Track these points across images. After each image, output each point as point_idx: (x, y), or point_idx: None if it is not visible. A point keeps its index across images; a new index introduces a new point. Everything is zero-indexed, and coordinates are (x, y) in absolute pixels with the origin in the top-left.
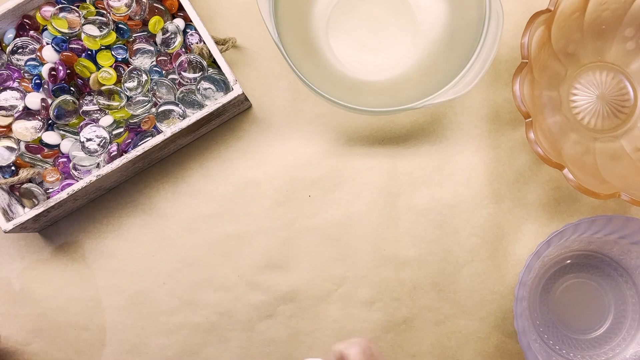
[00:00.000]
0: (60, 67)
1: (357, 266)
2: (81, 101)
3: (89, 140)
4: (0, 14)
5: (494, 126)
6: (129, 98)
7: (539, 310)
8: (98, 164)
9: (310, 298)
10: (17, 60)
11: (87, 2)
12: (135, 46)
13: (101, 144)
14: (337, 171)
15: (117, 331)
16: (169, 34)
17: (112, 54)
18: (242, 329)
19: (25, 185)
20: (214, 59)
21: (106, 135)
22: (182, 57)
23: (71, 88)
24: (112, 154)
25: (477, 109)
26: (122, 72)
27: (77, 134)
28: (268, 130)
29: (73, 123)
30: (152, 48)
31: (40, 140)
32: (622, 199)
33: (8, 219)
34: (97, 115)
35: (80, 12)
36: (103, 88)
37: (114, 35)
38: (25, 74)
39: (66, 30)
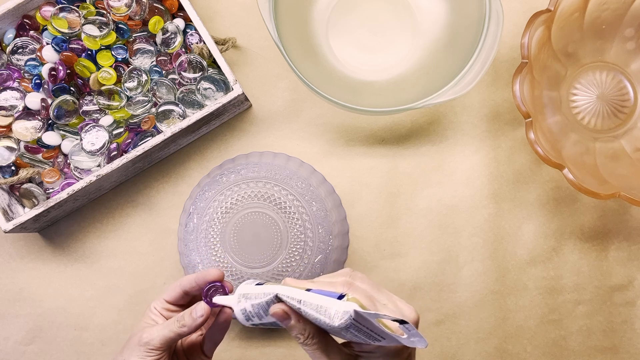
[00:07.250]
0: (60, 67)
1: (357, 266)
2: (81, 101)
3: (89, 140)
4: (0, 14)
5: (494, 126)
6: (129, 98)
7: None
8: (98, 164)
9: None
10: (17, 60)
11: (87, 2)
12: (135, 46)
13: (101, 144)
14: (337, 171)
15: (117, 331)
16: (169, 34)
17: (112, 54)
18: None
19: (25, 185)
20: (214, 59)
21: (106, 135)
22: (182, 57)
23: (71, 88)
24: (112, 154)
25: (477, 109)
26: (122, 72)
27: (77, 134)
28: (268, 130)
29: (73, 123)
30: (152, 48)
31: (38, 141)
32: (622, 199)
33: (8, 219)
34: (97, 115)
35: (80, 12)
36: (103, 88)
37: (114, 35)
38: (25, 74)
39: (66, 30)
